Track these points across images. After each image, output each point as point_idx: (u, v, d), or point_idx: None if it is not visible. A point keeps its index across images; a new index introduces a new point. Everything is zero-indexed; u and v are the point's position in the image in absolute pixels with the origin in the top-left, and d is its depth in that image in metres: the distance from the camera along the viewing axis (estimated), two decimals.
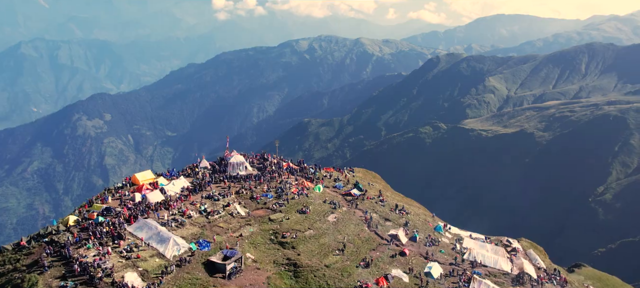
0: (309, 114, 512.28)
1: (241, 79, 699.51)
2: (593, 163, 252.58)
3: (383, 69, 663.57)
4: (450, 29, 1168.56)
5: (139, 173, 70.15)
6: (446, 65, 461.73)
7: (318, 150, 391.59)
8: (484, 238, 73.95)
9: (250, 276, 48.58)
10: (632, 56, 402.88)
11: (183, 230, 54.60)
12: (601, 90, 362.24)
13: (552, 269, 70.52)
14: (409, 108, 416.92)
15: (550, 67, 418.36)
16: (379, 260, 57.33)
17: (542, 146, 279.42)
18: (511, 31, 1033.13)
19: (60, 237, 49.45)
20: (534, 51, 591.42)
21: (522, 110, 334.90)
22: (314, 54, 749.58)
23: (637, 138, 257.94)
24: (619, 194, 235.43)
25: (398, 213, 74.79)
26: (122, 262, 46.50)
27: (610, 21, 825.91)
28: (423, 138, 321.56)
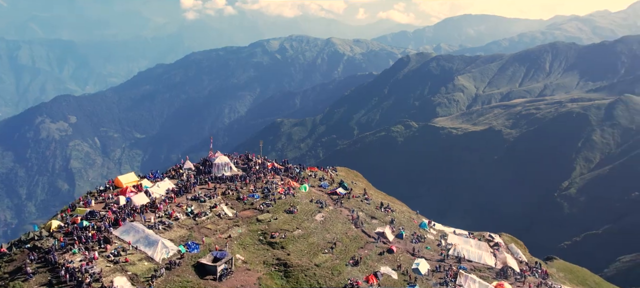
0: (281, 114, 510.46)
1: (212, 79, 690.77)
2: (558, 159, 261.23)
3: (354, 69, 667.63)
4: (419, 28, 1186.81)
5: (121, 176, 68.85)
6: (416, 65, 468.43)
7: (291, 150, 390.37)
8: (467, 234, 75.29)
9: (241, 277, 48.29)
10: (593, 55, 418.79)
11: (171, 232, 54.01)
12: (564, 88, 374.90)
13: (533, 262, 72.34)
14: (380, 107, 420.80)
15: (516, 65, 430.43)
16: (368, 258, 57.82)
17: (509, 143, 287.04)
18: (478, 31, 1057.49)
19: (43, 243, 48.11)
20: (500, 50, 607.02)
21: (490, 108, 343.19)
22: (285, 53, 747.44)
23: (598, 134, 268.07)
24: (582, 188, 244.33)
25: (383, 211, 75.46)
26: (110, 266, 45.56)
27: (572, 21, 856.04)
28: (395, 137, 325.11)
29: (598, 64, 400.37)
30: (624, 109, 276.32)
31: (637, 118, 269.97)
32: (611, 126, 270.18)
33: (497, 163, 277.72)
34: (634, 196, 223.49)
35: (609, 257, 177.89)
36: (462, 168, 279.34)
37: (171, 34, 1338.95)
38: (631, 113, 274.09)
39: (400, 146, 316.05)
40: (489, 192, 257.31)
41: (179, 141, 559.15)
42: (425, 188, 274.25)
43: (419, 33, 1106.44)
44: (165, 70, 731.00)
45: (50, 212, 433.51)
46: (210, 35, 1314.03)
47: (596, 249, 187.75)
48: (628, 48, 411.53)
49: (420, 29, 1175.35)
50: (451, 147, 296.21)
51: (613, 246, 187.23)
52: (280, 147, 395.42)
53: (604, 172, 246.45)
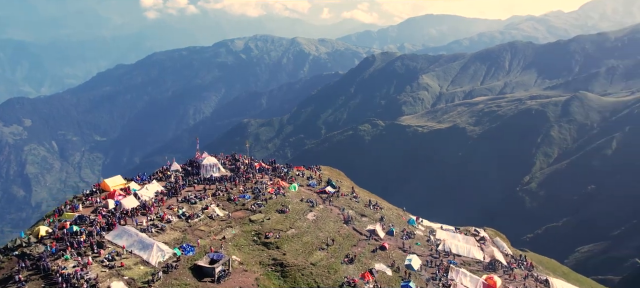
0: (248, 114, 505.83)
1: (175, 80, 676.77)
2: (519, 154, 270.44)
3: (320, 68, 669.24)
4: (383, 28, 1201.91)
5: (108, 179, 67.51)
6: (381, 64, 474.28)
7: (259, 151, 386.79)
8: (454, 230, 76.88)
9: (239, 278, 48.04)
10: (549, 54, 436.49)
11: (164, 235, 53.11)
12: (523, 86, 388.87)
13: (518, 255, 74.54)
14: (347, 106, 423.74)
15: (477, 64, 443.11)
16: (362, 256, 58.30)
17: (473, 140, 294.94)
18: (440, 31, 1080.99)
19: (32, 249, 46.76)
20: (462, 50, 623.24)
21: (454, 106, 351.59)
22: (250, 53, 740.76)
23: (556, 130, 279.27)
24: (542, 183, 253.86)
25: (372, 208, 76.33)
26: (105, 271, 44.58)
27: (528, 21, 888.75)
28: (363, 135, 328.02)
29: (554, 63, 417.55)
30: (580, 106, 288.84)
31: (592, 114, 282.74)
32: (568, 122, 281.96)
33: (462, 159, 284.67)
34: (590, 189, 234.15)
35: (568, 248, 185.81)
36: (428, 166, 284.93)
37: (131, 34, 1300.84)
38: (586, 109, 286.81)
39: (368, 145, 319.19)
40: (455, 188, 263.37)
41: (142, 143, 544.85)
42: (395, 186, 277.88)
43: (383, 33, 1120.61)
44: (126, 71, 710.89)
45: (4, 219, 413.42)
46: (173, 35, 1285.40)
47: (557, 241, 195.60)
48: (581, 47, 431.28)
49: (384, 28, 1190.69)
50: (418, 144, 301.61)
51: (572, 237, 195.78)
52: (248, 147, 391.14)
53: (562, 167, 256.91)
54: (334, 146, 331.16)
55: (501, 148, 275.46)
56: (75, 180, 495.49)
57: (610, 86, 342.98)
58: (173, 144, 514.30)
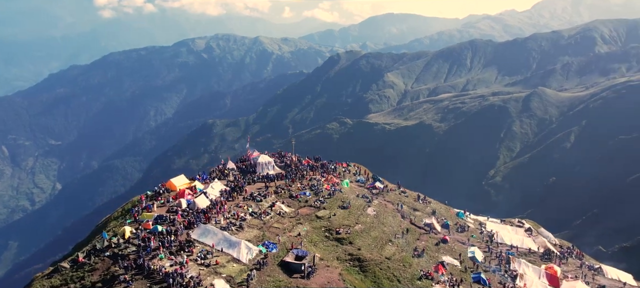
0: (212, 114, 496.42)
1: (134, 81, 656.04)
2: (484, 149, 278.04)
3: (284, 68, 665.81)
4: (345, 27, 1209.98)
5: (173, 179, 68.36)
6: (347, 63, 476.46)
7: (225, 152, 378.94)
8: (500, 221, 78.04)
9: (325, 274, 48.19)
10: (507, 51, 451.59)
11: (245, 233, 53.84)
12: (485, 83, 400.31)
13: (565, 245, 75.38)
14: (314, 105, 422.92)
15: (440, 62, 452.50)
16: (428, 249, 59.15)
17: (439, 136, 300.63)
18: (401, 29, 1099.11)
19: (123, 250, 47.42)
20: (422, 48, 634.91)
21: (420, 103, 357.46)
22: (212, 53, 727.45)
23: (518, 125, 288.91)
24: (506, 176, 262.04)
25: (422, 202, 77.82)
26: (203, 269, 45.13)
27: (484, 20, 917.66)
28: (331, 134, 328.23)
29: (512, 60, 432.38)
30: (539, 101, 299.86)
31: (550, 109, 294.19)
32: (528, 117, 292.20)
33: (429, 156, 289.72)
34: (552, 181, 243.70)
35: None
36: (397, 163, 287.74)
37: (84, 33, 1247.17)
38: (545, 104, 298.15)
39: (337, 143, 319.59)
40: (423, 184, 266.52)
41: (101, 147, 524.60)
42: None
43: (345, 32, 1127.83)
44: (81, 72, 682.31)
45: None
46: (130, 35, 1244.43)
47: None
48: (537, 44, 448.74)
49: (345, 27, 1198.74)
50: (386, 142, 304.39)
51: None
52: (214, 148, 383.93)
53: (524, 160, 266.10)
54: (302, 145, 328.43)
55: (467, 144, 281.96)
56: (28, 186, 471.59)
57: (566, 82, 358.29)
58: (134, 147, 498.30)
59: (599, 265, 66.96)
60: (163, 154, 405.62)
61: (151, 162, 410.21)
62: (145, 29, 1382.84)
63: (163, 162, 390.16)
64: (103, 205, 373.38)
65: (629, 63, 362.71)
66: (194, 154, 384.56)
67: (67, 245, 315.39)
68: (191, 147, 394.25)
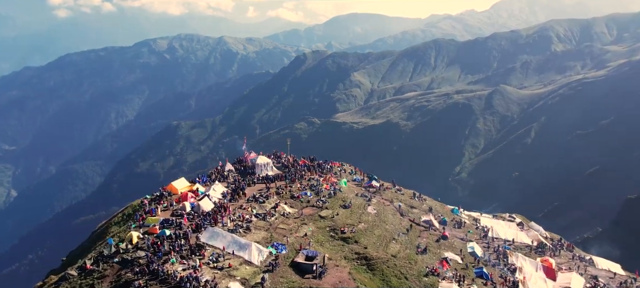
0: (176, 116, 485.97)
1: (93, 82, 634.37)
2: (450, 146, 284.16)
3: (249, 68, 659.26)
4: (310, 27, 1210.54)
5: (174, 182, 67.62)
6: (313, 62, 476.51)
7: (191, 154, 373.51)
8: (492, 216, 79.39)
9: (335, 273, 48.21)
10: (469, 50, 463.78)
11: (252, 235, 53.39)
12: (449, 81, 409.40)
13: (556, 238, 77.15)
14: (281, 105, 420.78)
15: (405, 61, 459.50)
16: (430, 246, 59.35)
17: (406, 134, 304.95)
18: (365, 29, 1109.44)
19: (132, 255, 46.56)
20: (387, 47, 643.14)
21: (386, 102, 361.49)
22: (174, 53, 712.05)
23: (482, 122, 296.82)
24: (472, 172, 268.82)
25: (418, 200, 78.06)
26: (217, 273, 44.60)
27: (446, 20, 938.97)
28: (299, 133, 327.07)
29: (474, 59, 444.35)
30: (501, 99, 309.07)
31: (512, 106, 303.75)
32: (491, 114, 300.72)
33: (397, 153, 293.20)
34: (515, 176, 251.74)
35: None
36: (365, 161, 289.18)
37: (38, 34, 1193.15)
38: (506, 102, 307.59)
39: (305, 143, 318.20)
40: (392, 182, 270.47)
41: (59, 151, 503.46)
42: None
43: (309, 31, 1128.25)
44: (35, 74, 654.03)
45: None
46: (87, 35, 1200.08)
47: None
48: (497, 44, 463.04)
49: (310, 27, 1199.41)
50: (354, 141, 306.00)
51: None
52: (179, 151, 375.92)
53: (488, 156, 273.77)
54: (270, 146, 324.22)
55: (433, 141, 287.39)
56: None
57: (525, 80, 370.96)
58: (95, 150, 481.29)
59: (589, 257, 69.43)
60: (126, 157, 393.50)
61: (114, 166, 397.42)
62: (104, 29, 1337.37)
63: (126, 166, 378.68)
64: (63, 211, 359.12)
65: (583, 61, 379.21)
66: (159, 157, 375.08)
67: (27, 254, 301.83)
68: (156, 150, 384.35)
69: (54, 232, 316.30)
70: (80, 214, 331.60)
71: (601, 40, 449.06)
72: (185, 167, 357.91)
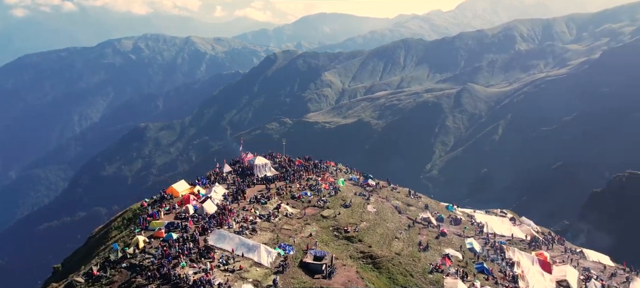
0: (143, 118, 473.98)
1: (54, 84, 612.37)
2: (421, 144, 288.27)
3: (218, 68, 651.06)
4: (279, 27, 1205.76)
5: (174, 185, 66.13)
6: (284, 63, 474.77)
7: (160, 156, 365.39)
8: (484, 213, 79.63)
9: (344, 273, 48.05)
10: (437, 50, 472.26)
11: (258, 236, 52.78)
12: (418, 80, 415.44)
13: (546, 232, 78.53)
14: (252, 105, 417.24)
15: (375, 61, 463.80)
16: (430, 243, 59.60)
17: (378, 133, 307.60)
18: (334, 29, 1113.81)
19: (139, 260, 45.65)
20: (356, 47, 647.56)
21: (358, 101, 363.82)
22: (140, 54, 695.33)
23: (451, 120, 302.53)
24: (442, 169, 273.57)
25: (414, 198, 78.24)
26: (229, 275, 44.11)
27: (413, 19, 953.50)
28: (271, 134, 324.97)
29: (442, 58, 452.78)
30: (469, 97, 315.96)
31: (479, 104, 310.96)
32: (460, 112, 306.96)
33: (369, 152, 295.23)
34: (484, 172, 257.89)
35: None
36: (338, 161, 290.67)
37: None
38: (474, 100, 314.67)
39: (277, 143, 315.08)
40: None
41: (19, 156, 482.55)
42: None
43: (279, 31, 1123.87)
44: None
45: None
46: (48, 35, 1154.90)
47: None
48: (464, 43, 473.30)
49: (280, 27, 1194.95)
50: (326, 140, 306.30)
51: None
52: (148, 153, 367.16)
53: (458, 154, 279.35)
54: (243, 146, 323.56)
55: (404, 140, 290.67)
56: None
57: (491, 78, 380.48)
58: (58, 154, 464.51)
59: (580, 249, 71.19)
60: (91, 161, 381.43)
61: (78, 170, 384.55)
62: (65, 29, 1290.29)
63: (92, 169, 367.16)
64: (24, 218, 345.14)
65: (545, 60, 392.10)
66: (126, 160, 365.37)
67: None
68: (123, 153, 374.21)
69: (16, 240, 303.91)
70: (44, 220, 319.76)
71: (562, 39, 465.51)
72: (154, 169, 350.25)
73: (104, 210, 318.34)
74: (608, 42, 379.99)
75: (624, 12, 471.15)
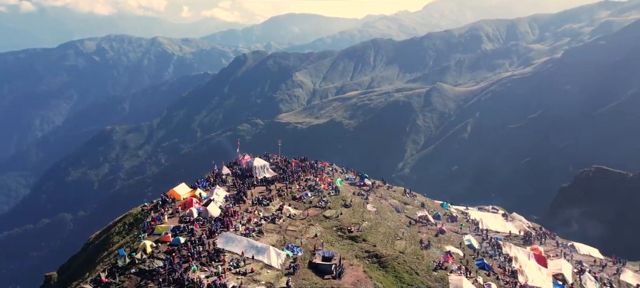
0: (110, 121, 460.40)
1: (13, 87, 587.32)
2: (392, 143, 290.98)
3: (186, 69, 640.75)
4: (247, 27, 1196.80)
5: (176, 188, 64.62)
6: (254, 63, 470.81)
7: (128, 159, 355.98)
8: (477, 209, 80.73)
9: (353, 272, 48.02)
10: (406, 50, 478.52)
11: (265, 238, 52.48)
12: (388, 80, 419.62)
13: (537, 227, 79.77)
14: (222, 107, 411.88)
15: (346, 61, 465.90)
16: (431, 240, 59.85)
17: (350, 132, 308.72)
18: (303, 29, 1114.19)
19: (149, 265, 44.83)
20: (326, 47, 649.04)
21: (329, 102, 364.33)
22: (104, 55, 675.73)
23: (421, 119, 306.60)
24: (414, 167, 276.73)
25: (409, 196, 78.87)
26: (242, 278, 43.87)
27: (381, 20, 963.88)
28: (242, 135, 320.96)
29: (411, 58, 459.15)
30: (438, 96, 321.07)
31: (449, 103, 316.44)
32: (430, 111, 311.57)
33: (341, 152, 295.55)
34: (454, 170, 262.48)
35: None
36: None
37: None
38: (443, 99, 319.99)
39: (249, 144, 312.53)
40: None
41: None
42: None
43: (247, 32, 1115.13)
44: None
45: None
46: (5, 36, 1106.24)
47: None
48: (433, 43, 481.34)
49: (248, 27, 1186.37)
50: (298, 141, 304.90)
51: None
52: (115, 157, 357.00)
53: (429, 152, 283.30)
54: (213, 148, 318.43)
55: (376, 139, 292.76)
56: None
57: (459, 77, 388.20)
58: (18, 160, 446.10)
59: (571, 243, 72.99)
60: (55, 166, 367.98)
61: (41, 176, 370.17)
62: (23, 29, 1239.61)
63: (55, 175, 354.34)
64: None
65: (510, 59, 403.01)
66: (92, 164, 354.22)
67: None
68: (88, 157, 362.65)
69: None
70: (4, 229, 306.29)
71: (525, 39, 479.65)
72: (122, 173, 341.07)
73: (69, 216, 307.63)
74: (569, 42, 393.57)
75: (584, 13, 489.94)
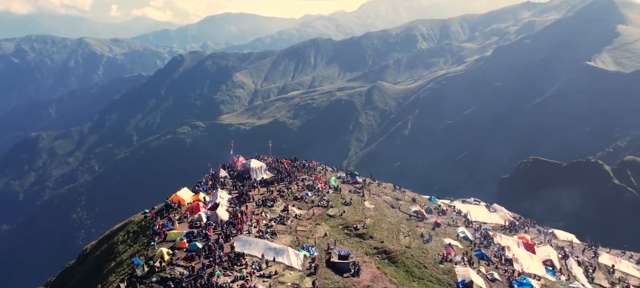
0: (34, 127, 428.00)
1: None
2: (337, 141, 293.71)
3: (118, 71, 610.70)
4: (181, 27, 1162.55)
5: (179, 192, 62.52)
6: (191, 64, 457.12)
7: (56, 168, 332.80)
8: (461, 202, 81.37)
9: (368, 269, 48.23)
10: (346, 49, 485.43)
11: (279, 239, 51.90)
12: (329, 79, 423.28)
13: (518, 216, 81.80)
14: (159, 109, 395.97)
15: (286, 60, 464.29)
16: (431, 234, 60.43)
17: (294, 132, 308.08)
18: (240, 29, 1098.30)
19: (169, 273, 43.52)
20: (265, 47, 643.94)
21: (271, 102, 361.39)
22: (25, 56, 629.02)
23: (363, 117, 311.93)
24: (358, 165, 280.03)
25: (399, 192, 79.27)
26: (268, 281, 43.72)
27: (319, 20, 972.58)
28: (183, 138, 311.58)
29: (351, 57, 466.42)
30: (379, 94, 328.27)
31: (389, 101, 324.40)
32: (371, 109, 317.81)
33: (286, 152, 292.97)
34: (397, 166, 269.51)
35: None
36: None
37: None
38: (384, 97, 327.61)
39: (190, 147, 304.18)
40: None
41: None
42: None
43: (182, 31, 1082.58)
44: None
45: None
46: None
47: None
48: (371, 43, 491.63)
49: (183, 27, 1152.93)
50: (242, 142, 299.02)
51: None
52: (42, 165, 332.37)
53: (372, 149, 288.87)
54: (151, 152, 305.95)
55: (320, 138, 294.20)
56: None
57: (398, 76, 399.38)
58: None
59: (551, 230, 76.05)
60: None
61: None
62: None
63: None
64: None
65: (444, 57, 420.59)
66: (16, 174, 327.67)
67: None
68: (11, 166, 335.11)
69: None
70: None
71: (457, 38, 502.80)
72: (51, 182, 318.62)
73: None
74: (497, 41, 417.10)
75: (509, 13, 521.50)
